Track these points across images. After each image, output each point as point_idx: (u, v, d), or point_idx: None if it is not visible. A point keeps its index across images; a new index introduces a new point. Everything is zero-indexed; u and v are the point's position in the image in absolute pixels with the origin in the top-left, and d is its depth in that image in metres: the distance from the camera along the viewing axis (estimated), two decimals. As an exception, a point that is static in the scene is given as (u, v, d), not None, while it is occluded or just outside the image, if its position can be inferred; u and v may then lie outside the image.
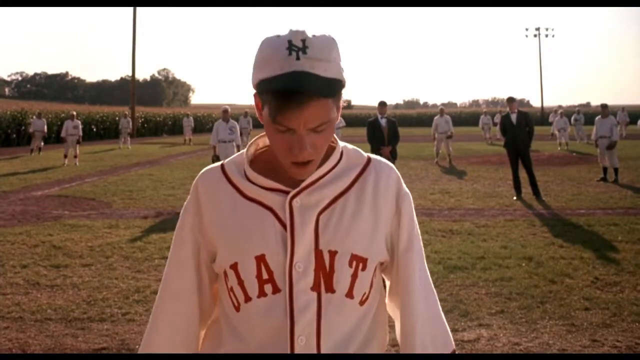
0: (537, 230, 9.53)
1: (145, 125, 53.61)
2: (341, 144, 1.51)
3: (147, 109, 63.48)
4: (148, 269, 7.55)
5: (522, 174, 12.59)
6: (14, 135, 36.77)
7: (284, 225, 1.41)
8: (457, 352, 1.57)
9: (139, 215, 11.27)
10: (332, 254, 1.42)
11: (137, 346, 5.15)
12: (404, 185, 1.52)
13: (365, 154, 1.52)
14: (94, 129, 45.29)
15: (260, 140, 1.53)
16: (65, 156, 21.35)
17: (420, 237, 1.56)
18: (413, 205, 1.54)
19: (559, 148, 27.75)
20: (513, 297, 6.34)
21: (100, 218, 11.03)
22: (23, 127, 36.52)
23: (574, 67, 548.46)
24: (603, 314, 5.83)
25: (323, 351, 1.40)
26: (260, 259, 1.41)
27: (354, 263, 1.43)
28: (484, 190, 13.77)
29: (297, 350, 1.39)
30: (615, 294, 6.41)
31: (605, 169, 14.89)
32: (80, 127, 23.12)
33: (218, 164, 1.52)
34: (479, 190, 13.89)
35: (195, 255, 1.51)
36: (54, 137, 36.12)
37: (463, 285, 6.75)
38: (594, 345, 5.11)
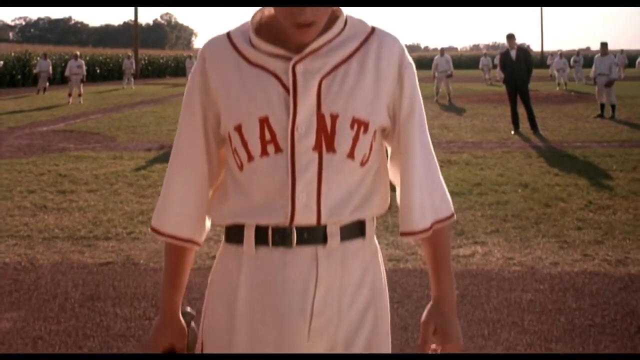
0: (534, 161, 9.55)
1: (149, 67, 53.26)
2: (346, 13, 1.50)
3: (150, 51, 62.96)
4: (152, 195, 7.59)
5: (521, 111, 12.56)
6: (19, 77, 36.59)
7: (287, 90, 1.42)
8: (450, 218, 1.57)
9: (143, 148, 11.29)
10: (334, 117, 1.43)
11: (141, 261, 5.24)
12: (408, 56, 1.52)
13: (370, 24, 1.51)
14: (98, 71, 45.03)
15: (266, 9, 1.52)
16: (70, 95, 21.29)
17: (423, 106, 1.55)
18: (416, 77, 1.54)
19: (557, 88, 27.60)
20: (508, 219, 6.40)
21: (104, 150, 11.06)
22: (28, 69, 36.31)
23: (575, 12, 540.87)
24: (595, 232, 5.89)
25: (323, 209, 1.42)
26: (264, 121, 1.43)
27: (355, 126, 1.44)
28: (483, 125, 13.76)
29: (298, 207, 1.41)
30: (607, 215, 6.46)
31: (602, 106, 14.84)
32: (84, 66, 23.00)
33: (224, 32, 1.52)
34: (478, 125, 13.88)
35: (203, 121, 1.52)
36: (58, 78, 35.93)
37: (460, 208, 6.79)
38: (585, 259, 5.18)
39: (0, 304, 4.43)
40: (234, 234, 1.49)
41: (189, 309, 1.62)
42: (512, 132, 12.16)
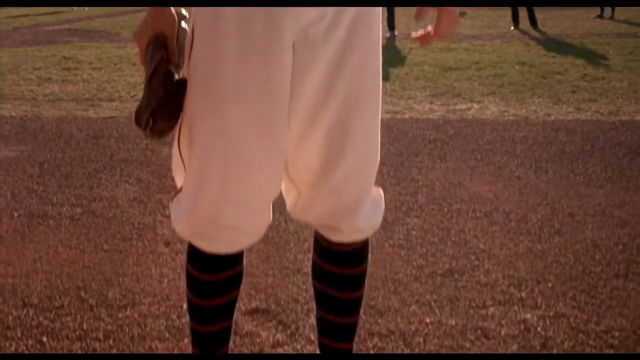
0: (532, 48, 9.43)
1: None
2: None
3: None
4: (155, 70, 7.53)
5: (522, 14, 12.33)
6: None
7: None
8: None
9: (147, 41, 11.15)
10: None
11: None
12: None
13: None
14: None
15: None
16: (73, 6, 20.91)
17: None
18: None
19: None
20: (505, 86, 6.36)
21: (109, 42, 10.93)
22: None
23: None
24: (589, 94, 5.87)
25: None
26: None
27: None
28: (482, 24, 13.55)
29: None
30: (602, 84, 6.41)
31: (602, 8, 14.57)
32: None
33: None
34: (477, 24, 13.66)
35: None
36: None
37: (458, 79, 6.75)
38: (578, 112, 5.18)
39: (7, 140, 4.45)
40: None
41: (182, 9, 1.59)
42: (512, 28, 11.98)
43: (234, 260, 1.58)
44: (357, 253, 1.61)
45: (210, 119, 1.46)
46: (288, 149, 1.49)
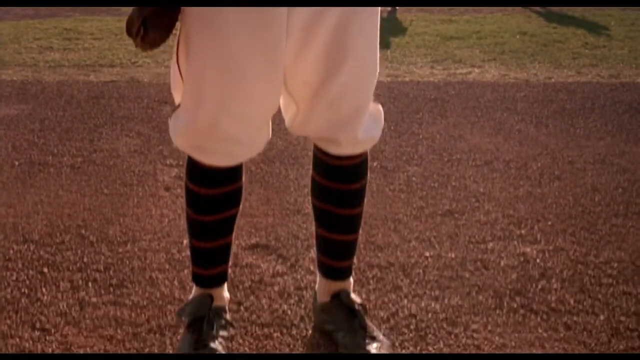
0: (533, 20, 9.37)
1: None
2: None
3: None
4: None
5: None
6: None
7: None
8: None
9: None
10: None
11: (145, 80, 5.22)
12: None
13: None
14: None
15: None
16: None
17: None
18: None
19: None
20: (506, 53, 6.31)
21: (109, 16, 10.88)
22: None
23: None
24: (590, 60, 5.83)
25: None
26: None
27: None
28: (484, 0, 13.47)
29: None
30: (602, 52, 6.37)
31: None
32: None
33: None
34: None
35: None
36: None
37: (458, 47, 6.70)
38: (578, 75, 5.15)
39: (8, 100, 4.44)
40: None
41: None
42: (513, 4, 11.89)
43: (233, 175, 1.58)
44: (356, 168, 1.60)
45: (208, 32, 1.44)
46: (287, 64, 1.48)
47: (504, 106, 4.07)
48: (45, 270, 2.09)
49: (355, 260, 1.78)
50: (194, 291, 1.69)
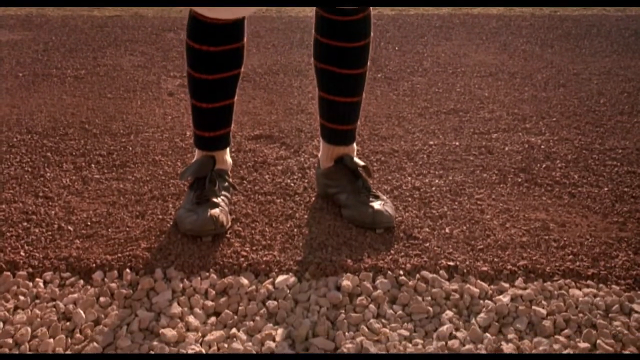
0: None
1: None
2: None
3: None
4: None
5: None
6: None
7: None
8: None
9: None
10: None
11: (149, 15, 5.15)
12: None
13: None
14: None
15: None
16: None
17: None
18: None
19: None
20: None
21: None
22: None
23: None
24: None
25: None
26: None
27: None
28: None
29: None
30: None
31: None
32: None
33: None
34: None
35: None
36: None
37: None
38: (584, 10, 5.05)
39: (12, 28, 4.39)
40: None
41: None
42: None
43: (235, 33, 1.54)
44: (358, 23, 1.56)
45: None
46: None
47: (509, 31, 4.01)
48: (49, 154, 2.07)
49: (357, 127, 1.75)
50: (196, 155, 1.67)
